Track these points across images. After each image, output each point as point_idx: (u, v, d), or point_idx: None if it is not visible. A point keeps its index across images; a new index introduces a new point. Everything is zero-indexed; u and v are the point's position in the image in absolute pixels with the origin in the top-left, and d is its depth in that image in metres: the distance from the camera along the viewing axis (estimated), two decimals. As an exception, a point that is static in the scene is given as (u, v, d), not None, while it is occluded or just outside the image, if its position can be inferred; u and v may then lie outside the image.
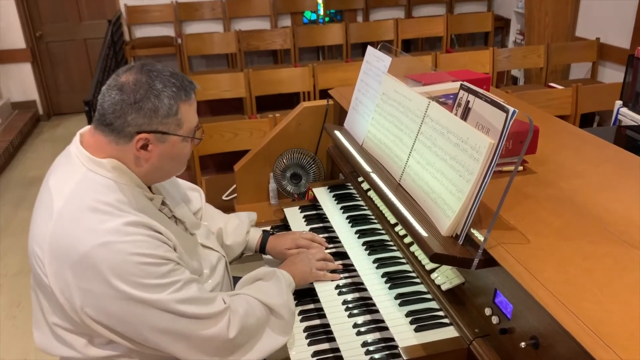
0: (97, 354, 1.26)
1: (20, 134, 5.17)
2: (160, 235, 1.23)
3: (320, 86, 4.23)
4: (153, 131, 1.22)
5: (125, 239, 1.15)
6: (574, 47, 4.82)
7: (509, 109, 1.11)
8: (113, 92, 1.20)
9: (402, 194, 1.44)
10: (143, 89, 1.19)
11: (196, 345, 1.25)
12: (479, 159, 1.17)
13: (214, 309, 1.26)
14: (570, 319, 0.95)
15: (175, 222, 1.41)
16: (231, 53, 5.69)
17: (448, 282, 1.33)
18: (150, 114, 1.20)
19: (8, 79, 5.64)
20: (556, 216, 1.25)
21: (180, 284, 1.21)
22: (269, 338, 1.38)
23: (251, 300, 1.38)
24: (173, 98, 1.22)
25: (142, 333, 1.20)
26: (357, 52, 5.80)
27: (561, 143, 1.67)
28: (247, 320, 1.33)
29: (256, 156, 2.28)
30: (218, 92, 4.03)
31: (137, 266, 1.15)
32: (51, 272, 1.17)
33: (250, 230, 1.78)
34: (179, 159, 1.32)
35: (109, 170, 1.23)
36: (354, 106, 1.90)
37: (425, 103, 1.43)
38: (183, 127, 1.26)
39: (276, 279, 1.47)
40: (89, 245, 1.13)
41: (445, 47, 5.95)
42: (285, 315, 1.41)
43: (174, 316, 1.20)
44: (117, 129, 1.21)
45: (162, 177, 1.37)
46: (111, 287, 1.14)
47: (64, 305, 1.19)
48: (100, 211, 1.17)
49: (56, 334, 1.27)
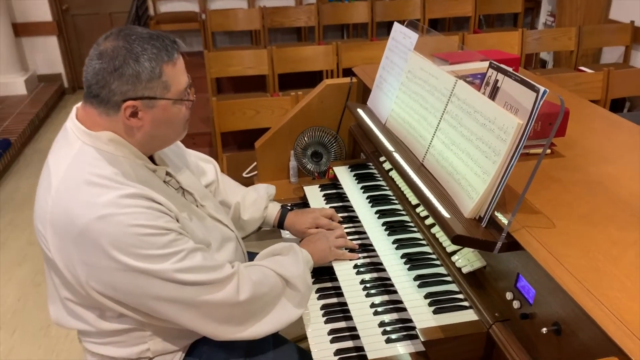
0: (109, 327, 1.27)
1: (45, 106, 5.23)
2: (160, 206, 1.20)
3: (344, 65, 4.18)
4: (139, 97, 1.17)
5: (123, 211, 1.13)
6: (606, 30, 4.67)
7: (540, 88, 1.08)
8: (94, 61, 1.16)
9: (425, 174, 1.42)
10: (121, 54, 1.15)
11: (205, 312, 1.23)
12: (506, 140, 1.13)
13: (220, 274, 1.25)
14: (596, 306, 0.92)
15: (182, 194, 1.39)
16: (255, 30, 5.65)
17: (469, 265, 1.31)
18: (132, 80, 1.15)
19: (34, 51, 5.69)
20: (584, 201, 1.21)
21: (183, 254, 1.19)
22: (283, 309, 1.36)
23: (266, 270, 1.37)
24: (154, 60, 1.17)
25: (148, 304, 1.20)
26: (383, 31, 5.70)
27: (591, 127, 1.62)
28: (260, 288, 1.31)
29: (277, 134, 2.26)
30: (241, 68, 4.01)
31: (136, 237, 1.13)
32: (54, 248, 1.17)
33: (268, 205, 1.76)
34: (174, 123, 1.27)
35: (105, 143, 1.20)
36: (378, 84, 1.87)
37: (452, 81, 1.40)
38: (171, 90, 1.21)
39: (293, 253, 1.46)
40: (87, 220, 1.12)
41: (473, 27, 5.81)
42: (300, 287, 1.39)
43: (178, 285, 1.18)
44: (104, 99, 1.17)
45: (161, 145, 1.33)
46: (113, 260, 1.13)
47: (70, 279, 1.19)
48: (96, 184, 1.14)
49: (68, 308, 1.28)
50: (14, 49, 5.34)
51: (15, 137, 4.44)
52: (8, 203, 3.73)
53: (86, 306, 1.26)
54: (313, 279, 1.60)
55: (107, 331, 1.28)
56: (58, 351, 2.43)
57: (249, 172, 2.75)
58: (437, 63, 1.69)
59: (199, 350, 1.39)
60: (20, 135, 4.53)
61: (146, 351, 1.31)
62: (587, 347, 0.96)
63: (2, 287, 2.87)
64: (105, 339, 1.30)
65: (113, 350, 1.31)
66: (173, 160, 1.45)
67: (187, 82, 1.25)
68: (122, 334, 1.29)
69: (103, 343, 1.31)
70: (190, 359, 1.38)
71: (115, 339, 1.30)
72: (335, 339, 1.41)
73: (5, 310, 2.70)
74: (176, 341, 1.34)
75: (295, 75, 4.20)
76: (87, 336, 1.33)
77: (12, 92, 5.38)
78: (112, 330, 1.28)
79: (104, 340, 1.30)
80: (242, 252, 1.57)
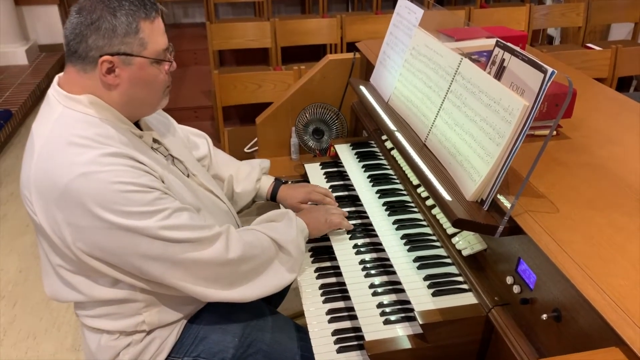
0: (103, 295, 1.26)
1: (47, 77, 5.18)
2: (143, 166, 1.20)
3: (348, 39, 4.11)
4: (115, 53, 1.17)
5: (105, 169, 1.12)
6: (616, 5, 4.57)
7: (547, 69, 1.04)
8: (72, 17, 1.17)
9: (427, 155, 1.39)
10: (99, 8, 1.15)
11: (193, 271, 1.23)
12: (512, 122, 1.10)
13: (208, 233, 1.24)
14: (597, 293, 0.90)
15: (172, 162, 1.37)
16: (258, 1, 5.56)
17: (469, 247, 1.30)
18: (109, 34, 1.15)
19: (35, 20, 5.61)
20: (589, 185, 1.19)
21: (168, 212, 1.18)
22: (274, 273, 1.36)
23: (258, 234, 1.36)
24: (131, 15, 1.16)
25: (135, 263, 1.19)
26: (388, 4, 5.61)
27: (598, 107, 1.58)
28: (251, 249, 1.30)
29: (279, 109, 2.23)
30: (244, 41, 3.94)
31: (119, 194, 1.12)
32: (40, 211, 1.17)
33: (262, 177, 1.75)
34: (153, 85, 1.25)
35: (86, 105, 1.19)
36: (381, 61, 1.83)
37: (457, 60, 1.36)
38: (148, 48, 1.20)
39: (288, 219, 1.46)
40: (68, 179, 1.11)
41: (480, 1, 5.70)
42: (293, 252, 1.39)
43: (164, 242, 1.18)
44: (81, 55, 1.17)
45: (141, 108, 1.30)
46: (96, 218, 1.12)
47: (58, 244, 1.19)
48: (78, 144, 1.14)
49: (61, 277, 1.27)
50: (14, 18, 5.26)
51: (17, 108, 4.41)
52: (9, 175, 3.72)
53: (78, 273, 1.25)
54: (312, 259, 1.59)
55: (101, 301, 1.27)
56: (59, 323, 2.45)
57: (250, 148, 2.73)
58: (442, 39, 1.64)
59: (195, 328, 1.39)
60: (21, 106, 4.49)
61: (142, 323, 1.31)
62: (588, 335, 0.95)
63: (4, 259, 2.88)
64: (99, 310, 1.30)
65: (109, 323, 1.31)
66: (161, 130, 1.44)
67: (166, 44, 1.24)
68: (116, 304, 1.28)
69: (98, 316, 1.31)
70: (185, 338, 1.38)
71: (110, 310, 1.29)
72: (333, 319, 1.40)
73: (6, 282, 2.71)
74: (171, 313, 1.34)
75: (299, 48, 4.14)
76: (82, 309, 1.33)
77: (13, 62, 5.33)
78: (106, 300, 1.27)
79: (99, 312, 1.30)
80: (236, 222, 1.56)
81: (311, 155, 2.22)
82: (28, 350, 2.31)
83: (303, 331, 1.48)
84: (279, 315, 1.54)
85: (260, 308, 1.49)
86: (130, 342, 1.32)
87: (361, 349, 1.31)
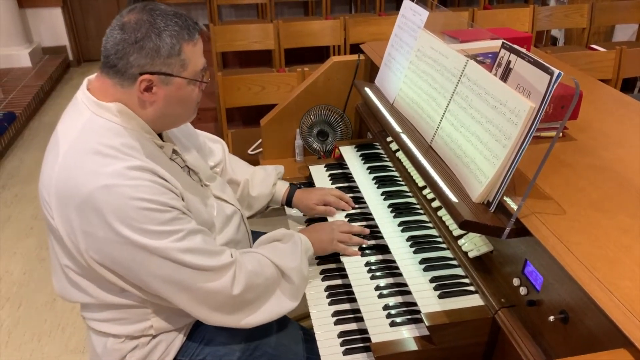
0: (111, 300, 1.27)
1: (50, 79, 5.19)
2: (166, 182, 1.20)
3: (351, 40, 4.11)
4: (156, 72, 1.18)
5: (128, 183, 1.13)
6: (620, 6, 4.56)
7: (554, 71, 1.04)
8: (115, 32, 1.17)
9: (433, 156, 1.39)
10: (144, 27, 1.15)
11: (199, 297, 1.23)
12: (518, 124, 1.10)
13: (218, 262, 1.24)
14: (605, 295, 0.90)
15: (188, 173, 1.38)
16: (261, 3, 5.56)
17: (476, 249, 1.29)
18: (152, 54, 1.16)
19: (39, 23, 5.62)
20: (595, 187, 1.18)
21: (183, 233, 1.19)
22: (277, 300, 1.36)
23: (262, 260, 1.35)
24: (175, 37, 1.17)
25: (144, 280, 1.19)
26: (391, 6, 5.61)
27: (604, 109, 1.58)
28: (255, 279, 1.30)
29: (283, 111, 2.23)
30: (247, 43, 3.95)
31: (138, 211, 1.13)
32: (57, 215, 1.17)
33: (277, 182, 1.76)
34: (186, 103, 1.27)
35: (114, 114, 1.20)
36: (386, 62, 1.83)
37: (463, 61, 1.36)
38: (188, 69, 1.21)
39: (293, 242, 1.44)
40: (91, 188, 1.12)
41: (484, 3, 5.70)
42: (295, 279, 1.38)
43: (175, 265, 1.18)
44: (120, 70, 1.17)
45: (171, 124, 1.33)
46: (112, 231, 1.13)
47: (71, 248, 1.19)
48: (103, 154, 1.15)
49: (69, 278, 1.27)
50: (18, 20, 5.27)
51: (20, 110, 4.42)
52: (14, 177, 3.73)
53: (86, 277, 1.25)
54: (317, 260, 1.59)
55: (108, 304, 1.28)
56: (63, 325, 2.45)
57: (254, 149, 2.73)
58: (446, 41, 1.65)
59: (201, 331, 1.39)
60: (25, 109, 4.50)
61: (149, 328, 1.31)
62: (595, 337, 0.94)
63: (8, 261, 2.89)
64: (107, 314, 1.30)
65: (116, 327, 1.31)
66: (181, 140, 1.45)
67: (203, 64, 1.26)
68: (123, 308, 1.29)
69: (105, 320, 1.31)
70: (191, 341, 1.38)
71: (118, 315, 1.29)
72: (339, 321, 1.40)
73: (11, 284, 2.72)
74: (179, 319, 1.34)
75: (302, 50, 4.14)
76: (89, 311, 1.33)
77: (17, 65, 5.34)
78: (113, 304, 1.27)
79: (106, 316, 1.30)
80: (245, 230, 1.56)
81: (316, 157, 2.22)
82: (32, 352, 2.32)
83: (309, 333, 1.48)
84: (285, 318, 1.53)
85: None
86: (136, 346, 1.32)
87: (367, 351, 1.31)
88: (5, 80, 5.05)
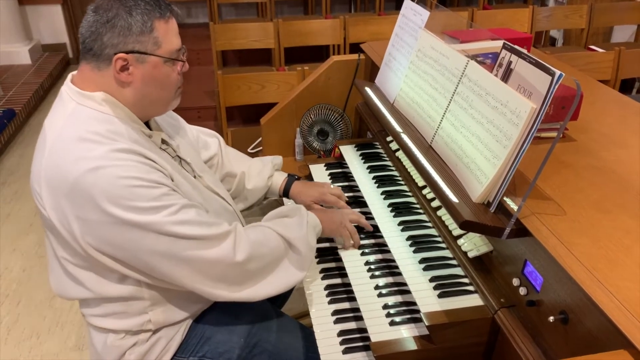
0: (109, 292, 1.26)
1: (50, 76, 5.19)
2: (153, 163, 1.21)
3: (351, 39, 4.11)
4: (130, 51, 1.19)
5: (114, 163, 1.13)
6: (619, 7, 4.57)
7: (555, 72, 1.04)
8: (89, 16, 1.20)
9: (433, 156, 1.39)
10: (115, 7, 1.18)
11: (200, 269, 1.22)
12: (519, 124, 1.11)
13: (216, 231, 1.24)
14: (605, 296, 0.91)
15: (179, 163, 1.38)
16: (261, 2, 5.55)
17: (475, 249, 1.30)
18: (124, 32, 1.17)
19: (38, 20, 5.62)
20: (596, 187, 1.19)
21: (176, 207, 1.19)
22: (284, 272, 1.35)
23: (267, 230, 1.35)
24: (146, 14, 1.19)
25: (143, 259, 1.19)
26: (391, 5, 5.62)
27: (604, 110, 1.58)
28: (259, 248, 1.29)
29: (283, 110, 2.23)
30: (247, 41, 3.95)
31: (127, 189, 1.13)
32: (49, 205, 1.18)
33: (274, 174, 1.75)
34: (165, 85, 1.27)
35: (99, 103, 1.21)
36: (386, 62, 1.83)
37: (464, 62, 1.36)
38: (162, 47, 1.22)
39: (299, 215, 1.44)
40: (78, 173, 1.12)
41: (483, 3, 5.71)
42: (302, 249, 1.37)
43: (171, 238, 1.18)
44: (96, 53, 1.19)
45: (153, 107, 1.31)
46: (104, 213, 1.13)
47: (66, 237, 1.19)
48: (89, 140, 1.15)
49: (67, 271, 1.27)
50: (17, 17, 5.26)
51: (20, 107, 4.41)
52: (13, 174, 3.72)
53: (85, 268, 1.25)
54: (317, 259, 1.59)
55: (107, 298, 1.28)
56: (63, 322, 2.45)
57: (254, 148, 2.73)
58: (447, 41, 1.65)
59: (201, 328, 1.39)
60: (25, 106, 4.50)
61: (147, 322, 1.31)
62: (595, 338, 0.95)
63: (7, 258, 2.89)
64: (105, 308, 1.30)
65: (115, 322, 1.31)
66: (170, 132, 1.44)
67: (179, 44, 1.26)
68: (122, 301, 1.28)
69: (104, 314, 1.31)
70: (190, 338, 1.38)
71: (116, 309, 1.29)
72: (338, 320, 1.41)
73: (10, 281, 2.71)
74: (177, 312, 1.34)
75: (302, 49, 4.14)
76: (88, 307, 1.33)
77: (16, 62, 5.34)
78: (112, 297, 1.27)
79: (104, 311, 1.30)
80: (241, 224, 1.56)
81: (316, 156, 2.23)
82: (31, 350, 2.32)
83: (308, 332, 1.49)
84: (285, 315, 1.54)
85: (266, 308, 1.49)
86: (136, 342, 1.33)
87: (367, 350, 1.32)
88: (5, 77, 5.04)
